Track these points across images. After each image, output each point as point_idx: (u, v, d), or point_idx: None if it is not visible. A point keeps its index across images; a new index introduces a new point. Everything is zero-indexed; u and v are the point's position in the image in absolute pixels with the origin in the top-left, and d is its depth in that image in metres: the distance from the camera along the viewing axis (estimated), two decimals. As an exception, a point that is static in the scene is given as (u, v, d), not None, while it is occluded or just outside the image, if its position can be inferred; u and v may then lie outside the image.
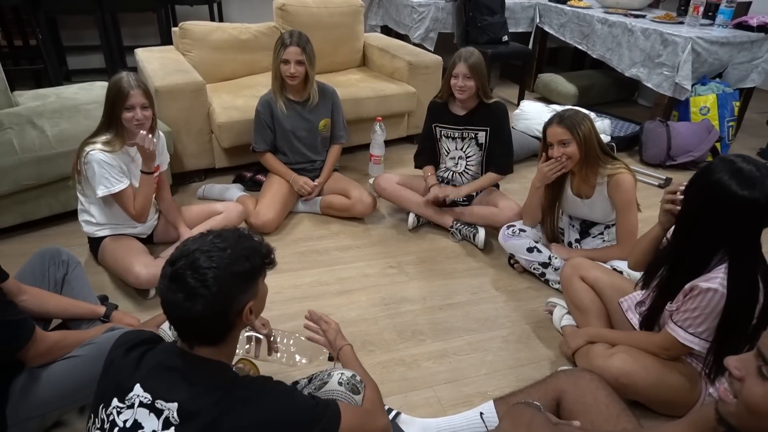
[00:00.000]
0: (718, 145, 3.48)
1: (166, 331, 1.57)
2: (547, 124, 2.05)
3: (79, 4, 3.98)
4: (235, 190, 2.80)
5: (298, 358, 1.63)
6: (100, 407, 1.02)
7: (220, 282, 0.99)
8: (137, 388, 0.99)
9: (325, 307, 2.09)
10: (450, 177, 2.66)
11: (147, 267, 2.01)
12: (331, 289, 2.22)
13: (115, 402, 1.00)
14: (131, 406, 0.99)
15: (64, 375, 1.37)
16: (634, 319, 1.74)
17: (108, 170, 1.97)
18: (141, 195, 2.07)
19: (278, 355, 1.61)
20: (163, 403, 0.97)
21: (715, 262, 1.42)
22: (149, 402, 0.98)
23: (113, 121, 1.98)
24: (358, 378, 1.31)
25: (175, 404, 0.97)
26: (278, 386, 1.07)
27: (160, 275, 1.02)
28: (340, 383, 1.28)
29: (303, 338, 1.58)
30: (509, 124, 2.55)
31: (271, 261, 1.12)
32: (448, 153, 2.62)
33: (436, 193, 2.50)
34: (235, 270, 1.01)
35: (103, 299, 1.85)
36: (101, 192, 1.99)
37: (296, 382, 1.40)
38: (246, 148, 2.83)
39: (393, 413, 1.54)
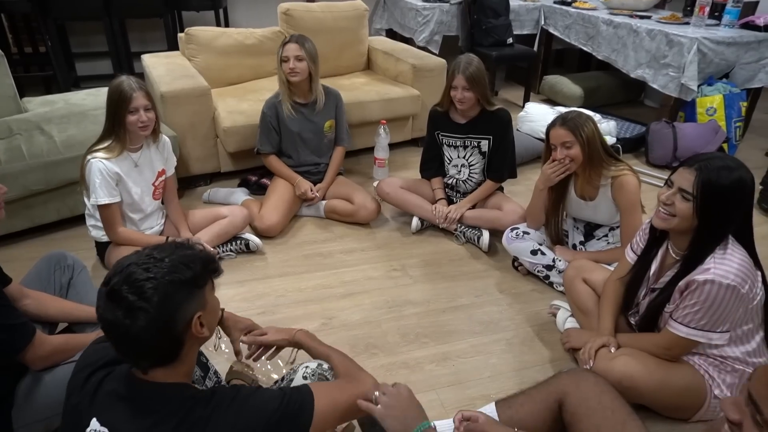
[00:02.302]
0: (725, 145, 3.45)
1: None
2: (550, 126, 2.05)
3: (88, 11, 4.03)
4: (240, 194, 2.82)
5: (275, 377, 1.60)
6: None
7: (159, 292, 0.92)
8: (94, 422, 0.97)
9: (329, 310, 2.10)
10: (453, 183, 2.66)
11: None
12: (335, 292, 2.23)
13: None
14: None
15: (68, 379, 1.38)
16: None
17: (101, 181, 1.98)
18: (135, 240, 2.08)
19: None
20: None
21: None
22: None
23: (116, 126, 1.99)
24: (325, 366, 1.30)
25: None
26: (239, 393, 1.03)
27: (97, 296, 0.95)
28: (305, 377, 1.28)
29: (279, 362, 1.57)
30: (512, 131, 2.53)
31: (215, 269, 1.05)
32: (450, 161, 2.61)
33: (442, 224, 2.56)
34: (175, 278, 0.94)
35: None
36: (91, 201, 2.02)
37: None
38: (251, 152, 2.85)
39: (395, 416, 1.54)
